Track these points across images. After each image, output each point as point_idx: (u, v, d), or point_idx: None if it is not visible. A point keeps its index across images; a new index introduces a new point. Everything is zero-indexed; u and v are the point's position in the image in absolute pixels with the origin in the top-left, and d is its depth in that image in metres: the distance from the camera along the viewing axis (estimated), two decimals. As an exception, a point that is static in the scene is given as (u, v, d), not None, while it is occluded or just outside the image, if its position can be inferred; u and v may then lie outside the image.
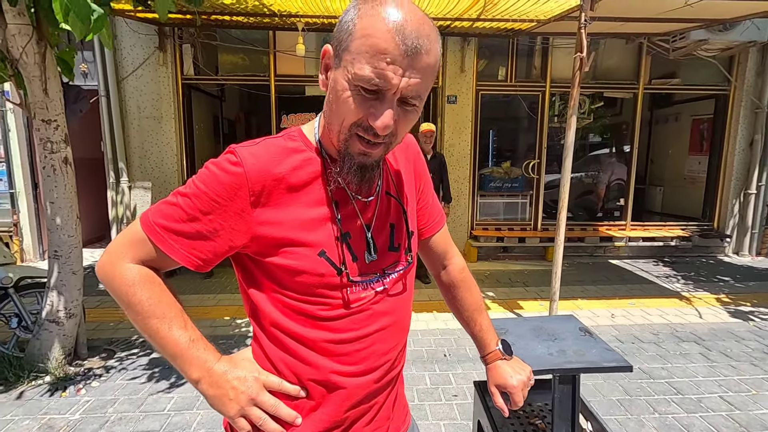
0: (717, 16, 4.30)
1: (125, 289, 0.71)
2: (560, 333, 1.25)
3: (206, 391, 0.71)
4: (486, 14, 4.32)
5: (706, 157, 6.29)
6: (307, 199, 0.72)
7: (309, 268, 0.70)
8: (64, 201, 2.76)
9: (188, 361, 0.71)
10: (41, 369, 2.78)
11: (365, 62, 0.61)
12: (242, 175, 0.68)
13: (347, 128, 0.67)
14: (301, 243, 0.70)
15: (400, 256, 0.81)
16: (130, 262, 0.72)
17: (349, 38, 0.63)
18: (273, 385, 0.74)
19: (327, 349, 0.74)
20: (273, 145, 0.72)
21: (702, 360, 3.05)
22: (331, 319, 0.74)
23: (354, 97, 0.64)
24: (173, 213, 0.70)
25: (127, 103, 5.21)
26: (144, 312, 0.71)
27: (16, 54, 2.52)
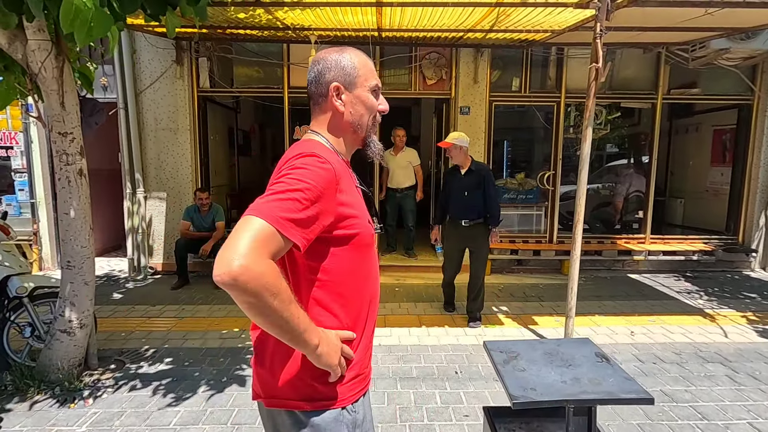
0: (738, 24, 4.17)
1: (275, 282, 0.82)
2: (575, 358, 1.18)
3: (322, 350, 0.92)
4: (499, 25, 4.28)
5: (729, 168, 6.08)
6: (350, 188, 1.02)
7: (366, 232, 1.03)
8: (78, 212, 2.79)
9: (313, 331, 0.90)
10: (52, 379, 2.80)
11: (372, 78, 1.09)
12: (332, 171, 0.93)
13: (372, 118, 1.09)
14: (358, 216, 1.01)
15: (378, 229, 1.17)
16: (267, 258, 0.82)
17: (357, 70, 1.06)
18: (345, 335, 1.01)
19: (371, 293, 1.09)
20: (325, 149, 1.03)
21: (728, 383, 2.90)
22: (372, 266, 1.09)
23: (372, 99, 1.09)
24: (292, 207, 0.85)
25: (144, 115, 5.32)
26: (288, 299, 0.85)
27: (35, 69, 2.58)
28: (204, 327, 3.82)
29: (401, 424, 2.43)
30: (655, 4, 3.34)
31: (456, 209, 3.84)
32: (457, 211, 3.83)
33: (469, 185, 3.78)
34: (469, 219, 3.78)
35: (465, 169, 3.82)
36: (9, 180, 5.55)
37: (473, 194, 3.77)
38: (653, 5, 3.36)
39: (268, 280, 0.80)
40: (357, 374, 1.04)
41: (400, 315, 4.16)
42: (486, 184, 3.75)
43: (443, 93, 5.61)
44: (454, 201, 3.85)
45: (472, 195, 3.77)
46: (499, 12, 3.83)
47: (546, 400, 0.89)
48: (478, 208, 3.78)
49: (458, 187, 3.82)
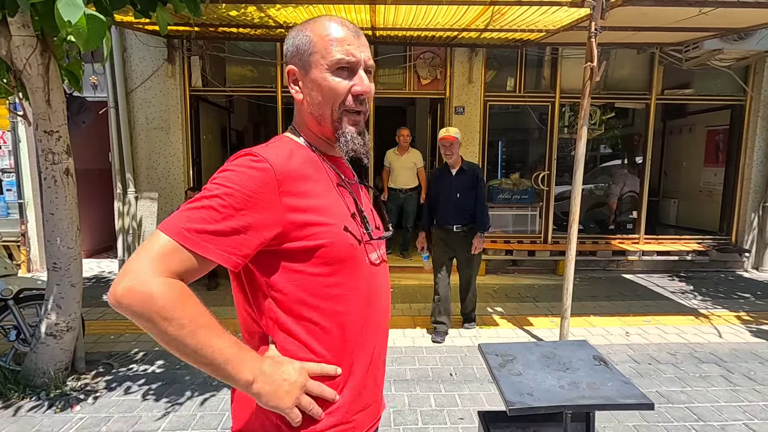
0: (732, 25, 4.19)
1: (169, 304, 0.69)
2: (573, 362, 1.15)
3: (261, 389, 0.75)
4: (494, 25, 4.27)
5: (722, 168, 6.11)
6: (320, 186, 0.84)
7: (339, 242, 0.81)
8: (64, 212, 2.73)
9: (240, 364, 0.74)
10: (37, 384, 2.73)
11: (334, 51, 0.83)
12: (270, 170, 0.77)
13: (337, 110, 0.85)
14: (326, 223, 0.81)
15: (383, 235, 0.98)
16: (163, 276, 0.70)
17: (311, 46, 0.85)
18: (314, 370, 0.81)
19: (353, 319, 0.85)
20: (274, 147, 0.85)
21: (724, 383, 2.89)
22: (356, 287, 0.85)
23: (336, 79, 0.84)
24: (206, 216, 0.73)
25: (135, 114, 5.24)
26: (191, 326, 0.71)
27: (20, 65, 2.51)
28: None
29: (395, 428, 2.39)
30: (650, 3, 3.34)
31: (446, 213, 3.50)
32: (448, 216, 3.49)
33: (462, 186, 3.47)
34: (460, 223, 3.47)
35: (456, 169, 3.51)
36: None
37: (465, 196, 3.47)
38: (648, 4, 3.35)
39: (157, 303, 0.68)
40: (338, 423, 0.82)
41: (395, 316, 4.12)
42: (479, 186, 3.49)
43: (438, 93, 5.59)
44: (444, 204, 3.51)
45: (465, 197, 3.47)
46: (493, 11, 3.81)
47: (543, 406, 0.85)
48: (471, 211, 3.49)
49: (449, 189, 3.49)
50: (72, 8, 1.73)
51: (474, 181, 3.48)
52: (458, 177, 3.50)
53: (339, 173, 0.90)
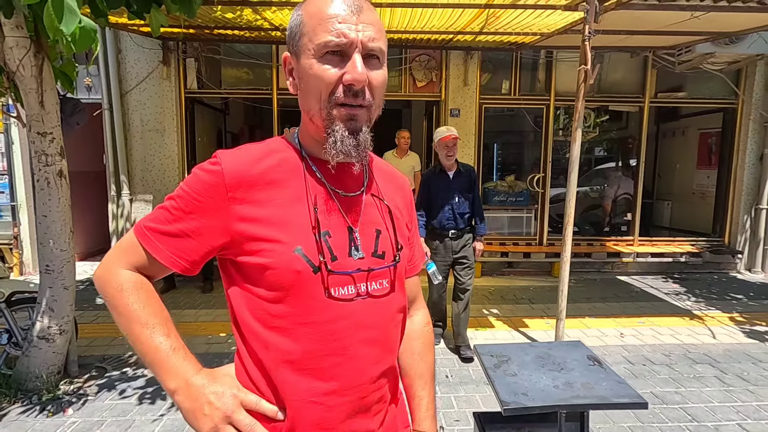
0: (723, 29, 4.24)
1: (114, 292, 0.73)
2: (567, 362, 1.15)
3: (182, 403, 0.70)
4: (489, 28, 4.29)
5: (714, 171, 6.17)
6: (285, 195, 0.72)
7: (283, 265, 0.69)
8: (57, 214, 2.71)
9: (166, 370, 0.70)
10: (29, 388, 2.70)
11: (321, 31, 0.68)
12: (219, 173, 0.71)
13: (326, 101, 0.70)
14: (276, 240, 0.70)
15: (386, 263, 0.78)
16: (123, 267, 0.74)
17: (301, 28, 0.71)
18: (250, 403, 0.71)
19: (303, 360, 0.71)
20: (253, 147, 0.77)
21: (717, 384, 2.90)
22: (308, 324, 0.71)
23: (324, 66, 0.69)
24: (160, 216, 0.73)
25: (130, 116, 5.22)
26: (129, 316, 0.72)
27: (13, 66, 2.50)
28: (190, 332, 3.73)
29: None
30: (643, 7, 3.37)
31: (443, 218, 3.31)
32: (445, 221, 3.31)
33: (460, 189, 3.31)
34: (457, 228, 3.30)
35: (453, 171, 3.34)
36: (-12, 182, 5.40)
37: (463, 199, 3.32)
38: (640, 8, 3.39)
39: (106, 291, 0.74)
40: None
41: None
42: (476, 188, 3.39)
43: (433, 95, 5.61)
44: (441, 208, 3.32)
45: (463, 200, 3.32)
46: (488, 14, 3.84)
47: (538, 405, 0.86)
48: (469, 215, 3.35)
49: (446, 192, 3.31)
50: (68, 15, 1.72)
51: (471, 183, 3.36)
52: (456, 179, 3.34)
53: (326, 183, 0.75)
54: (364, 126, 0.73)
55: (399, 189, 0.89)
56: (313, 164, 0.76)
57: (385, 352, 0.77)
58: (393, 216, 0.81)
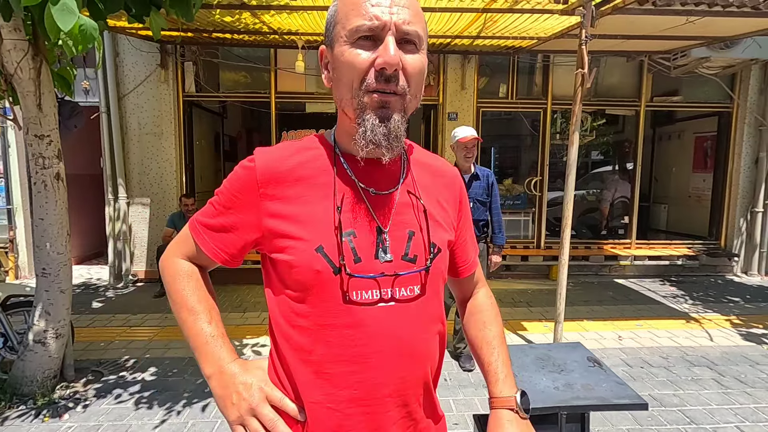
0: (718, 33, 4.28)
1: (169, 279, 0.80)
2: (567, 364, 1.15)
3: (214, 389, 0.73)
4: (486, 32, 4.32)
5: (710, 174, 6.21)
6: (314, 193, 0.71)
7: (304, 264, 0.68)
8: (54, 217, 2.69)
9: (204, 355, 0.75)
10: (25, 392, 2.67)
11: (354, 16, 0.66)
12: (253, 170, 0.72)
13: (358, 88, 0.67)
14: (299, 237, 0.69)
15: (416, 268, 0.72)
16: (178, 257, 0.81)
17: (335, 17, 0.70)
18: (275, 399, 0.72)
19: (321, 363, 0.69)
20: (288, 143, 0.77)
21: (715, 386, 2.91)
22: (327, 326, 0.69)
23: (356, 51, 0.66)
24: (207, 210, 0.78)
25: (127, 119, 5.21)
26: (178, 302, 0.78)
27: (11, 69, 2.49)
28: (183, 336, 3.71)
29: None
30: (638, 11, 3.40)
31: None
32: None
33: (476, 194, 3.05)
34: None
35: (470, 174, 3.07)
36: (-16, 185, 5.38)
37: (479, 205, 3.06)
38: (636, 13, 3.42)
39: (164, 278, 0.81)
40: None
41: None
42: (494, 193, 3.09)
43: (431, 99, 5.63)
44: None
45: (478, 206, 3.06)
46: (486, 18, 3.86)
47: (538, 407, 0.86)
48: (483, 222, 3.12)
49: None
50: (66, 15, 1.72)
51: (489, 188, 3.08)
52: (472, 183, 3.07)
53: (356, 180, 0.72)
54: (396, 114, 0.68)
55: (446, 185, 0.83)
56: (345, 161, 0.74)
57: (413, 365, 0.72)
58: (428, 216, 0.75)
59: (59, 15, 1.73)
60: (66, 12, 1.69)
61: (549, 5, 3.37)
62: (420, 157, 0.82)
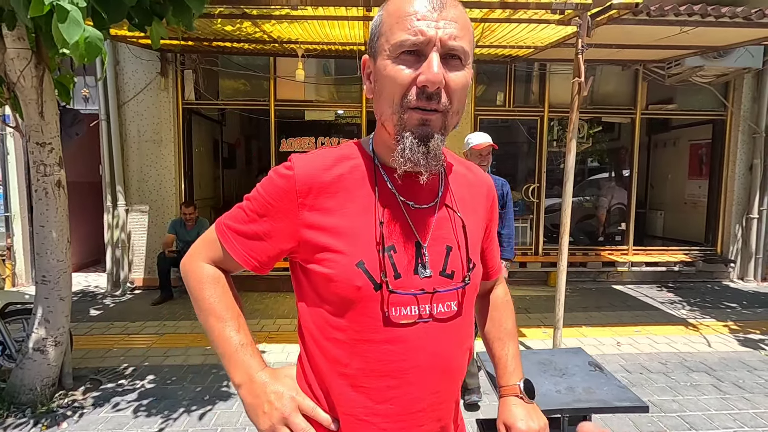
0: (711, 43, 4.36)
1: (195, 284, 0.77)
2: (569, 368, 1.17)
3: (245, 397, 0.72)
4: (484, 41, 4.38)
5: (705, 181, 6.27)
6: (354, 205, 0.70)
7: (344, 279, 0.67)
8: (54, 224, 2.70)
9: (234, 364, 0.73)
10: (23, 401, 2.66)
11: (398, 30, 0.65)
12: (292, 178, 0.70)
13: (399, 104, 0.66)
14: (339, 251, 0.68)
15: (454, 284, 0.73)
16: (203, 261, 0.78)
17: (380, 28, 0.69)
18: (307, 409, 0.72)
19: (357, 377, 0.69)
20: (327, 152, 0.75)
21: (714, 392, 2.92)
22: (365, 341, 0.69)
23: (398, 67, 0.65)
24: (238, 215, 0.75)
25: (127, 127, 5.23)
26: (206, 309, 0.76)
27: (14, 77, 2.51)
28: (186, 343, 3.70)
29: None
30: (633, 22, 3.47)
31: None
32: None
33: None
34: None
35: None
36: (-18, 193, 5.37)
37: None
38: (631, 23, 3.48)
39: (189, 282, 0.79)
40: None
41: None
42: (508, 204, 2.92)
43: (429, 107, 5.67)
44: None
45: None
46: (483, 28, 3.92)
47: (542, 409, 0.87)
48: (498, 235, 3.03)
49: None
50: (72, 27, 1.74)
51: (502, 198, 2.91)
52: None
53: (397, 194, 0.72)
54: (437, 133, 0.67)
55: (480, 194, 0.84)
56: (385, 173, 0.73)
57: (447, 380, 0.74)
58: (467, 231, 0.75)
59: (65, 27, 1.76)
60: (72, 24, 1.71)
61: (546, 16, 3.42)
62: (455, 165, 0.82)
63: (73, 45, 1.81)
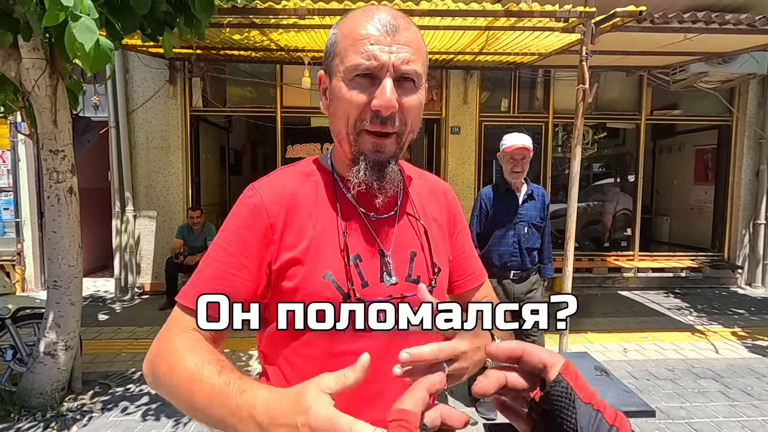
0: (715, 49, 4.37)
1: (165, 371, 0.63)
2: (575, 373, 1.18)
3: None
4: (488, 48, 4.42)
5: (712, 186, 6.25)
6: (319, 220, 0.71)
7: (312, 291, 0.67)
8: (66, 230, 2.75)
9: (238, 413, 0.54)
10: (33, 404, 2.69)
11: (352, 53, 0.66)
12: (260, 204, 0.70)
13: (353, 126, 0.68)
14: (307, 264, 0.68)
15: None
16: (173, 335, 0.68)
17: (334, 48, 0.69)
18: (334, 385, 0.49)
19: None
20: (285, 172, 0.76)
21: (722, 398, 2.91)
22: (336, 355, 0.67)
23: (352, 90, 0.66)
24: (200, 269, 0.70)
25: (136, 134, 5.31)
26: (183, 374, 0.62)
27: (29, 87, 2.57)
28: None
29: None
30: (637, 29, 3.49)
31: (506, 253, 2.59)
32: (508, 256, 2.59)
33: (530, 216, 2.61)
34: (523, 268, 2.61)
35: (523, 192, 2.64)
36: (-6, 199, 5.45)
37: (534, 230, 2.61)
38: (635, 30, 3.50)
39: (159, 377, 0.65)
40: None
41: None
42: (548, 216, 2.70)
43: (434, 113, 5.72)
44: (503, 239, 2.60)
45: (533, 231, 2.61)
46: (488, 35, 3.96)
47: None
48: (536, 251, 2.67)
49: (512, 218, 2.61)
50: (87, 33, 1.79)
51: (544, 210, 2.67)
52: (525, 204, 2.63)
53: (357, 205, 0.73)
54: (391, 159, 0.69)
55: (439, 202, 0.84)
56: (344, 187, 0.74)
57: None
58: (429, 236, 0.76)
59: (80, 34, 1.81)
60: (87, 31, 1.76)
61: (550, 23, 3.46)
62: (414, 175, 0.84)
63: (84, 54, 1.86)
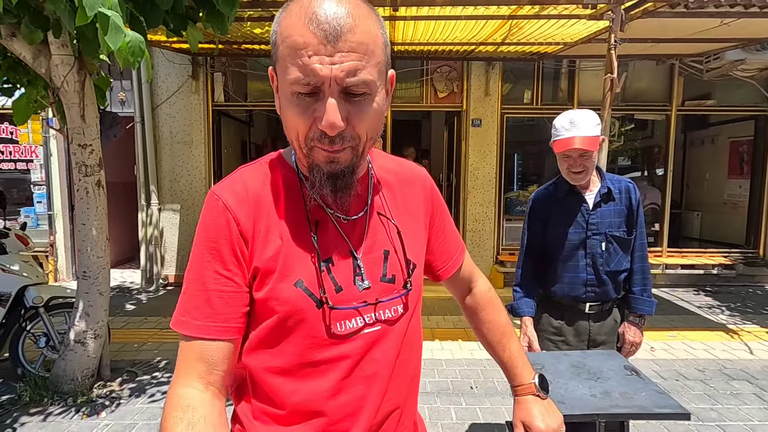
0: (754, 35, 4.15)
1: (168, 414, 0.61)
2: (603, 371, 1.14)
3: None
4: (511, 38, 4.31)
5: (747, 180, 5.96)
6: (284, 224, 0.66)
7: (284, 300, 0.64)
8: (95, 222, 2.82)
9: None
10: (65, 390, 2.79)
11: (291, 65, 0.58)
12: (224, 209, 0.65)
13: (304, 142, 0.62)
14: (277, 272, 0.64)
15: (396, 289, 0.71)
16: (179, 387, 0.63)
17: (276, 49, 0.61)
18: None
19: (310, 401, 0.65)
20: (248, 172, 0.70)
21: (756, 401, 2.78)
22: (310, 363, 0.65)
23: (297, 107, 0.60)
24: (184, 293, 0.66)
25: (160, 129, 5.42)
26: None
27: (58, 82, 2.64)
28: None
29: (416, 441, 2.37)
30: (670, 15, 3.34)
31: (575, 280, 1.73)
32: (579, 284, 1.72)
33: (606, 225, 1.69)
34: (602, 298, 1.71)
35: (596, 191, 1.73)
36: (28, 192, 5.67)
37: (615, 246, 1.70)
38: (667, 16, 3.35)
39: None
40: None
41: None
42: (638, 221, 1.72)
43: (455, 106, 5.63)
44: (571, 267, 1.73)
45: (614, 247, 1.70)
46: (511, 25, 3.86)
47: (576, 414, 0.85)
48: (620, 272, 1.72)
49: (578, 229, 1.72)
50: (114, 33, 1.82)
51: (629, 213, 1.71)
52: (602, 209, 1.71)
53: (325, 208, 0.68)
54: (346, 168, 0.63)
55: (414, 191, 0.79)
56: (310, 188, 0.68)
57: (398, 385, 0.71)
58: (402, 233, 0.73)
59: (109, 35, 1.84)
60: (114, 30, 1.78)
61: (577, 10, 3.34)
62: (384, 165, 0.78)
63: (117, 50, 1.89)
